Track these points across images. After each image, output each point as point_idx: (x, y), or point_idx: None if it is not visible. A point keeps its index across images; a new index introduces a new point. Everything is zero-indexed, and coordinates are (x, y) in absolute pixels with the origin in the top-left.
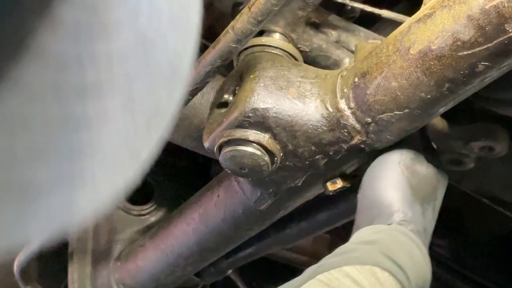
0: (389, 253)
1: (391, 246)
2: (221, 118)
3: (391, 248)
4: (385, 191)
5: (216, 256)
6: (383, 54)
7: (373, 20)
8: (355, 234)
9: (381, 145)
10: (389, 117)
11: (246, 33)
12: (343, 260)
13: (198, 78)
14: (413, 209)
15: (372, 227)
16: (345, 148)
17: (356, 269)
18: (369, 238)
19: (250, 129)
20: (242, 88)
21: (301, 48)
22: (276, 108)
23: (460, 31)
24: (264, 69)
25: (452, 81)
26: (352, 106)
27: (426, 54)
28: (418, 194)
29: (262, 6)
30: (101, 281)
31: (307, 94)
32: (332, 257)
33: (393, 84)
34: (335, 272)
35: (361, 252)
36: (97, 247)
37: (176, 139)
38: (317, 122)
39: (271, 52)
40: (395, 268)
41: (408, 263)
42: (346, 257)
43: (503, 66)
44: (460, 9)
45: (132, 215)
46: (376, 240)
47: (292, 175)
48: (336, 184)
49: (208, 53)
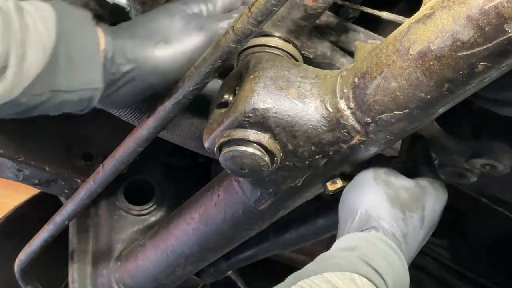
0: (367, 259)
1: (369, 252)
2: (221, 118)
3: (369, 254)
4: (361, 200)
5: (216, 256)
6: (382, 54)
7: (372, 20)
8: (335, 242)
9: (380, 145)
10: (388, 117)
11: (246, 33)
12: (323, 267)
13: (198, 78)
14: (391, 216)
15: (351, 235)
16: (345, 148)
17: (336, 276)
18: (348, 245)
19: (250, 129)
20: (242, 88)
21: (305, 54)
22: (276, 108)
23: (460, 31)
24: (264, 69)
25: (452, 81)
26: (352, 106)
27: (425, 54)
28: (396, 203)
29: (262, 6)
30: (101, 281)
31: (307, 94)
32: (313, 264)
33: (392, 84)
34: (316, 279)
35: (340, 259)
36: (97, 247)
37: (176, 139)
38: (317, 122)
39: (271, 52)
40: (374, 274)
41: (386, 269)
42: (327, 264)
43: (503, 66)
44: (459, 9)
45: (132, 215)
46: (354, 247)
47: (292, 175)
48: (336, 184)
49: (208, 53)
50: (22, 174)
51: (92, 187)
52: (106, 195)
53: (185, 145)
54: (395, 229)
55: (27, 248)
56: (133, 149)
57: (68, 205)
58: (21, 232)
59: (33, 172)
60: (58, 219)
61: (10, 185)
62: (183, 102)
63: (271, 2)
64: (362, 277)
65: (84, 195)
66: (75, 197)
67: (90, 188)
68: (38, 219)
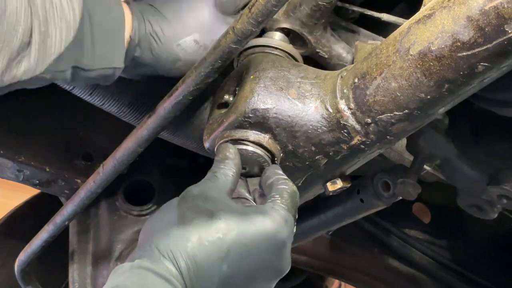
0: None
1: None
2: (221, 119)
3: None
4: (153, 223)
5: None
6: (382, 55)
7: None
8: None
9: (381, 146)
10: (388, 118)
11: (246, 33)
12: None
13: (199, 79)
14: (176, 244)
15: (119, 267)
16: (345, 149)
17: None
18: (111, 284)
19: (250, 129)
20: (242, 88)
21: (320, 53)
22: (276, 109)
23: (460, 32)
24: (264, 70)
25: (452, 82)
26: (352, 107)
27: (425, 55)
28: (189, 224)
29: (262, 7)
30: (102, 281)
31: (307, 95)
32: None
33: (392, 84)
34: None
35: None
36: (97, 247)
37: (177, 139)
38: (317, 122)
39: (271, 52)
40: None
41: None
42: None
43: (503, 66)
44: (459, 10)
45: (132, 215)
46: (117, 285)
47: (292, 175)
48: (336, 185)
49: (208, 53)
50: (22, 175)
51: (92, 187)
52: (106, 196)
53: (185, 146)
54: (176, 259)
55: (27, 249)
56: (133, 150)
57: (68, 206)
58: (21, 232)
59: (33, 173)
60: (58, 219)
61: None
62: (183, 102)
63: (271, 3)
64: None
65: (84, 196)
66: (75, 197)
67: (90, 188)
68: (38, 219)
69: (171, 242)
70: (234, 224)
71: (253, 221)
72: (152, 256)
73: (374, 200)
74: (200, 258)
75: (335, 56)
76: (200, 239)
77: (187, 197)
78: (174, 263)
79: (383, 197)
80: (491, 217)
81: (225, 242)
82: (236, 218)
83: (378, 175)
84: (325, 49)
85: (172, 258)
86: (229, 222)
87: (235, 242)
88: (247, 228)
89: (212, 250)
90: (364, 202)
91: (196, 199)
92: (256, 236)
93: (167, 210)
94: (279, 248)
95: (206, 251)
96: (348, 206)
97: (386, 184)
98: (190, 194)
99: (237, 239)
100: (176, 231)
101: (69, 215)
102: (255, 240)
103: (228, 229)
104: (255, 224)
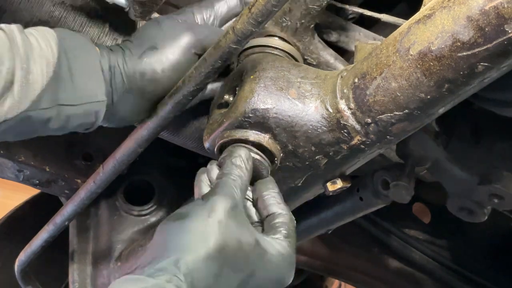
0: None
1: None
2: (221, 119)
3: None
4: (178, 238)
5: None
6: (383, 55)
7: (373, 21)
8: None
9: (381, 146)
10: (388, 118)
11: (246, 34)
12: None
13: (199, 79)
14: (200, 269)
15: (135, 279)
16: (345, 149)
17: None
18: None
19: (250, 129)
20: (242, 88)
21: (308, 60)
22: (276, 109)
23: (460, 32)
24: (264, 70)
25: (452, 82)
26: (352, 107)
27: (425, 54)
28: (217, 254)
29: (262, 7)
30: (102, 281)
31: (307, 95)
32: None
33: (392, 84)
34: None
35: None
36: (97, 247)
37: (177, 140)
38: (317, 122)
39: (271, 52)
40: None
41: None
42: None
43: (503, 66)
44: (459, 10)
45: (133, 215)
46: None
47: (292, 175)
48: (336, 185)
49: (208, 54)
50: (23, 175)
51: (92, 187)
52: (106, 196)
53: (185, 146)
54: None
55: (27, 249)
56: (133, 150)
57: (68, 206)
58: (21, 232)
59: (33, 173)
60: (58, 219)
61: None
62: (183, 102)
63: (271, 3)
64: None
65: (84, 196)
66: (75, 197)
67: (90, 188)
68: (38, 219)
69: (203, 275)
70: (255, 263)
71: (271, 262)
72: (179, 277)
73: (373, 199)
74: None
75: (323, 63)
76: (227, 271)
77: (217, 212)
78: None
79: (382, 196)
80: (480, 219)
81: (244, 279)
82: (258, 256)
83: (378, 173)
84: (313, 55)
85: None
86: (251, 260)
87: (252, 281)
88: (264, 271)
89: (233, 284)
90: (364, 200)
91: (229, 220)
92: (271, 279)
93: (198, 222)
94: (281, 287)
95: (227, 284)
96: (348, 204)
97: (385, 182)
98: (224, 212)
99: (254, 279)
100: (210, 263)
101: (69, 215)
102: (268, 282)
103: (250, 267)
104: (273, 266)
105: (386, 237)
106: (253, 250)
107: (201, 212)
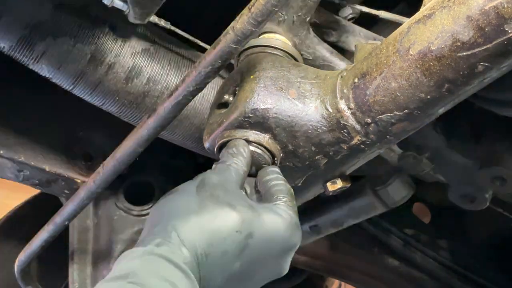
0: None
1: (144, 276)
2: (221, 119)
3: (144, 279)
4: (171, 207)
5: None
6: (382, 55)
7: (373, 21)
8: (115, 263)
9: (381, 146)
10: (388, 118)
11: (246, 33)
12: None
13: (198, 79)
14: (195, 232)
15: (130, 251)
16: (345, 149)
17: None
18: (121, 271)
19: (250, 129)
20: (242, 88)
21: (304, 55)
22: (276, 109)
23: (460, 31)
24: (264, 70)
25: (452, 82)
26: (352, 107)
27: (425, 54)
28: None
29: (262, 6)
30: None
31: (307, 95)
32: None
33: (392, 84)
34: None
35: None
36: (97, 247)
37: (177, 139)
38: (317, 122)
39: (271, 52)
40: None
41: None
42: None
43: (503, 66)
44: (459, 10)
45: (132, 215)
46: (128, 273)
47: (292, 175)
48: (336, 185)
49: (208, 53)
50: (22, 175)
51: (92, 187)
52: (106, 196)
53: (185, 146)
54: (194, 248)
55: (27, 249)
56: (133, 150)
57: (68, 206)
58: (21, 232)
59: (33, 173)
60: (58, 219)
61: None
62: (183, 102)
63: (271, 2)
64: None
65: (84, 196)
66: (75, 197)
67: (90, 188)
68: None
69: (191, 230)
70: (251, 223)
71: (269, 222)
72: (168, 241)
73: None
74: (217, 252)
75: (320, 57)
76: (220, 232)
77: (206, 184)
78: (192, 252)
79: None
80: (482, 206)
81: (242, 240)
82: (253, 217)
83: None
84: (309, 50)
85: (191, 247)
86: (247, 220)
87: (252, 242)
88: (263, 230)
89: (230, 246)
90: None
91: (216, 189)
92: (272, 239)
93: (185, 194)
94: (289, 251)
95: (224, 245)
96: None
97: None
98: (209, 182)
99: (254, 239)
100: (196, 220)
101: (69, 215)
102: (271, 243)
103: (247, 227)
104: (271, 226)
105: (386, 237)
106: (247, 212)
107: (188, 185)
